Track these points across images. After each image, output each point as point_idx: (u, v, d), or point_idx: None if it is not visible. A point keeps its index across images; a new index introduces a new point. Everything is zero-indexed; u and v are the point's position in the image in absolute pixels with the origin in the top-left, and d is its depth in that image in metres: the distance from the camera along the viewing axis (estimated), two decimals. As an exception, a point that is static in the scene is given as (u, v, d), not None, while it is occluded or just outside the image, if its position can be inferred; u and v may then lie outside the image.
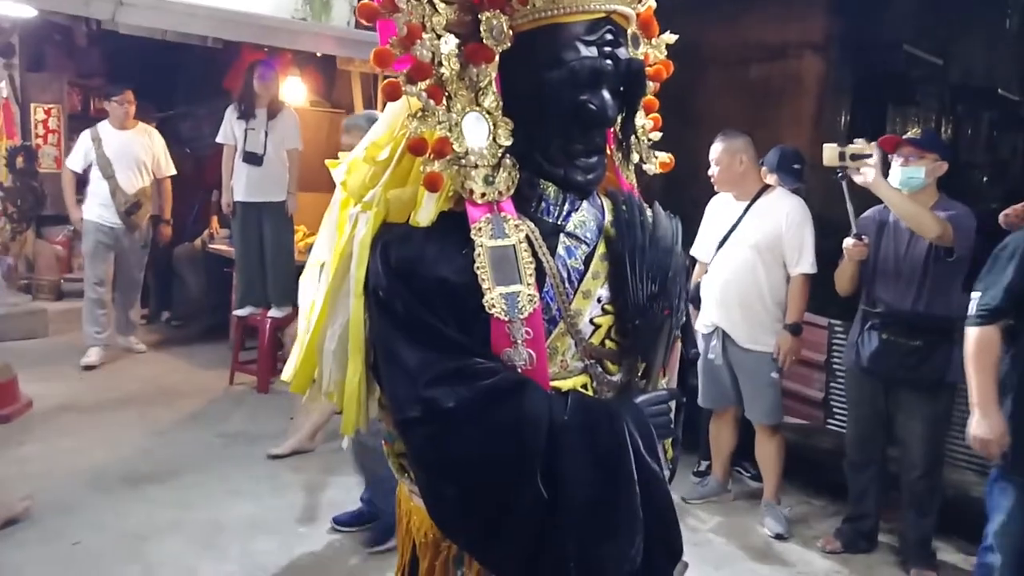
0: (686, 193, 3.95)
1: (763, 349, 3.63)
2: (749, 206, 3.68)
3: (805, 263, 3.57)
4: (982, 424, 2.55)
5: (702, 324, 3.80)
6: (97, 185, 5.76)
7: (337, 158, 1.48)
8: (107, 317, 5.88)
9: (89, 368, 5.62)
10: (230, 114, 5.39)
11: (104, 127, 5.81)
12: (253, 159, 5.27)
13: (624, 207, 1.38)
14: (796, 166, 4.01)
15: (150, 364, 5.88)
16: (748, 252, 3.62)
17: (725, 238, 3.70)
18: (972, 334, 2.62)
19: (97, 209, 5.77)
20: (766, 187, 3.73)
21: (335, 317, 1.40)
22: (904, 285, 3.25)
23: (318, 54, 6.08)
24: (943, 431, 3.39)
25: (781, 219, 3.59)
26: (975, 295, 2.67)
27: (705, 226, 3.88)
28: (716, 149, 3.70)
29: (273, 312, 5.37)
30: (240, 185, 5.36)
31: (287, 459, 4.17)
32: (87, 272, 5.87)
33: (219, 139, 5.46)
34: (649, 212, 1.42)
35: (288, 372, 1.51)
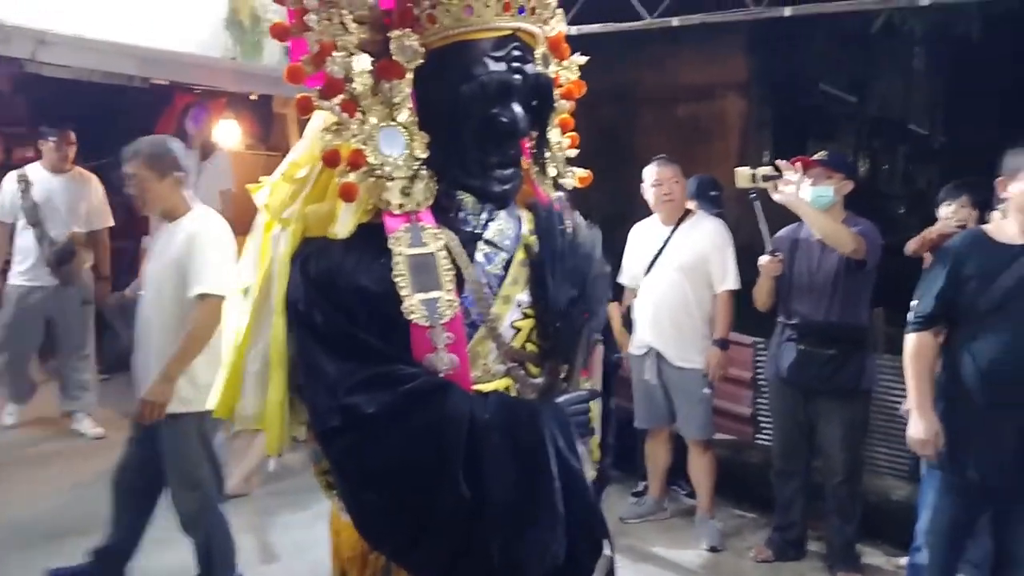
0: (625, 227, 4.06)
1: (695, 366, 3.74)
2: (674, 229, 3.81)
3: (730, 280, 3.73)
4: (919, 425, 2.65)
5: (635, 347, 3.90)
6: (22, 237, 4.92)
7: None
8: (25, 386, 5.13)
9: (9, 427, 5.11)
10: None
11: (35, 170, 5.02)
12: None
13: (544, 215, 1.44)
14: (713, 193, 4.19)
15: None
16: (675, 274, 3.75)
17: (653, 261, 3.82)
18: (909, 340, 2.74)
19: (21, 269, 4.89)
20: (687, 211, 3.87)
21: (258, 338, 1.43)
22: (817, 297, 3.40)
23: (252, 96, 6.09)
24: (861, 437, 3.53)
25: (706, 240, 3.74)
26: (912, 303, 2.80)
27: (630, 252, 3.98)
28: (663, 173, 3.80)
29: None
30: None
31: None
32: (1, 338, 4.93)
33: None
34: (569, 221, 1.48)
35: (212, 399, 1.52)
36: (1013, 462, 2.48)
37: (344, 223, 1.31)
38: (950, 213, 3.50)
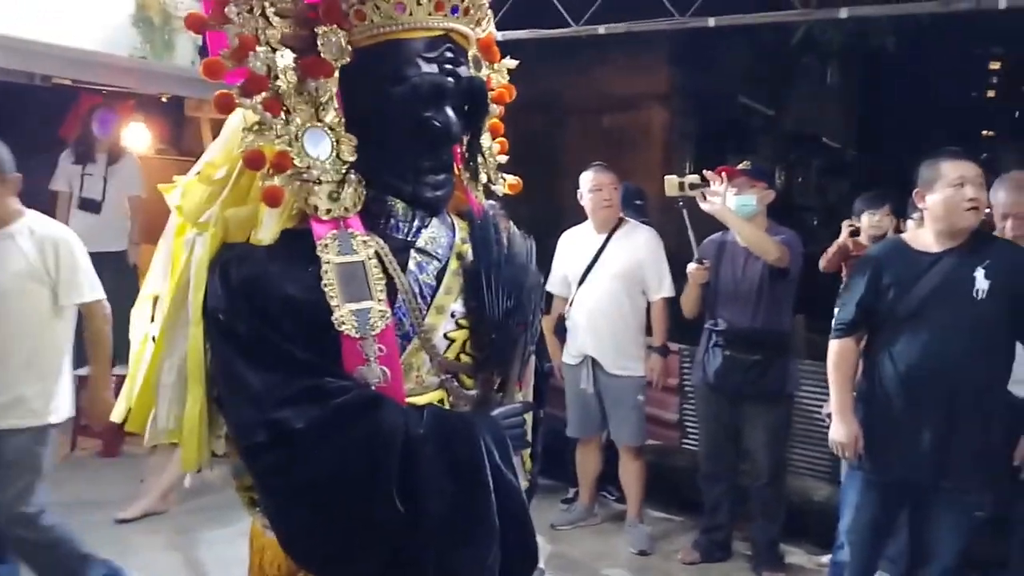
0: (550, 237, 4.06)
1: (631, 374, 3.78)
2: (609, 237, 3.82)
3: (665, 287, 3.79)
4: (839, 428, 2.73)
5: (570, 355, 3.90)
6: None
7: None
8: None
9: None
10: (64, 159, 5.08)
11: None
12: (91, 206, 4.97)
13: (480, 224, 1.39)
14: (638, 202, 4.26)
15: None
16: (611, 282, 3.77)
17: (588, 269, 3.82)
18: (831, 347, 2.82)
19: None
20: (621, 220, 3.89)
21: (173, 349, 1.35)
22: (742, 304, 3.47)
23: (163, 99, 5.85)
24: (784, 439, 3.63)
25: (641, 248, 3.79)
26: (836, 311, 2.89)
27: (561, 260, 3.97)
28: (602, 179, 3.82)
29: (118, 370, 5.02)
30: (76, 235, 5.04)
31: (138, 522, 3.92)
32: None
33: (52, 185, 5.11)
34: (505, 230, 1.44)
35: (119, 411, 1.44)
36: (930, 461, 2.57)
37: (268, 228, 1.25)
38: (875, 222, 3.61)
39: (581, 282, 3.84)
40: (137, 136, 5.87)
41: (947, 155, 2.62)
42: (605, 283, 3.77)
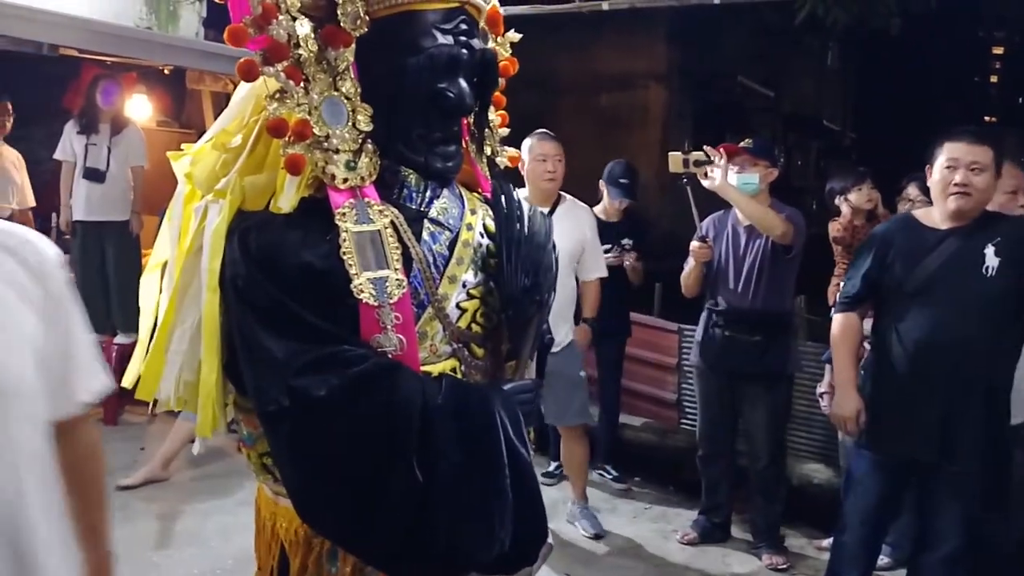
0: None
1: (567, 348, 3.61)
2: (550, 213, 3.68)
3: (601, 268, 3.75)
4: (842, 402, 2.71)
5: None
6: None
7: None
8: None
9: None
10: (69, 129, 5.10)
11: None
12: (95, 175, 5.00)
13: (503, 200, 1.40)
14: (623, 180, 4.17)
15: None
16: None
17: None
18: (836, 320, 2.81)
19: None
20: (560, 196, 3.74)
21: (184, 317, 1.36)
22: (743, 284, 3.42)
23: (165, 71, 5.84)
24: (784, 420, 3.60)
25: (583, 227, 3.68)
26: (842, 285, 2.88)
27: None
28: (547, 148, 3.61)
29: (120, 339, 5.07)
30: (80, 203, 5.06)
31: (139, 489, 3.94)
32: None
33: (57, 155, 5.13)
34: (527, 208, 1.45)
35: (130, 378, 1.45)
36: (937, 438, 2.52)
37: (288, 196, 1.25)
38: (865, 199, 3.59)
39: None
40: (139, 108, 5.85)
41: (953, 135, 2.58)
42: None
